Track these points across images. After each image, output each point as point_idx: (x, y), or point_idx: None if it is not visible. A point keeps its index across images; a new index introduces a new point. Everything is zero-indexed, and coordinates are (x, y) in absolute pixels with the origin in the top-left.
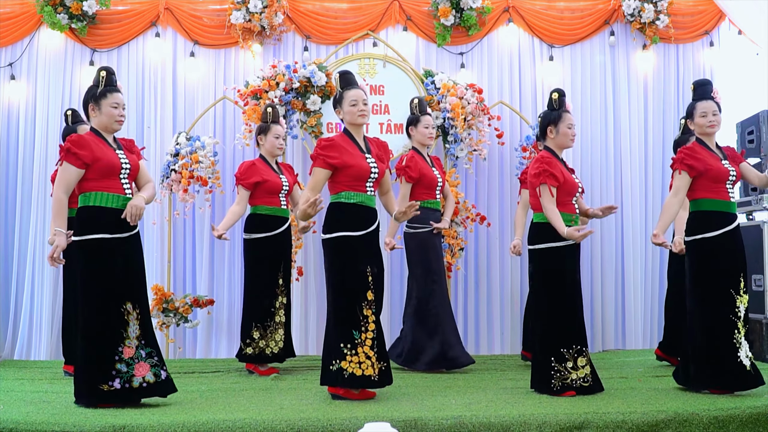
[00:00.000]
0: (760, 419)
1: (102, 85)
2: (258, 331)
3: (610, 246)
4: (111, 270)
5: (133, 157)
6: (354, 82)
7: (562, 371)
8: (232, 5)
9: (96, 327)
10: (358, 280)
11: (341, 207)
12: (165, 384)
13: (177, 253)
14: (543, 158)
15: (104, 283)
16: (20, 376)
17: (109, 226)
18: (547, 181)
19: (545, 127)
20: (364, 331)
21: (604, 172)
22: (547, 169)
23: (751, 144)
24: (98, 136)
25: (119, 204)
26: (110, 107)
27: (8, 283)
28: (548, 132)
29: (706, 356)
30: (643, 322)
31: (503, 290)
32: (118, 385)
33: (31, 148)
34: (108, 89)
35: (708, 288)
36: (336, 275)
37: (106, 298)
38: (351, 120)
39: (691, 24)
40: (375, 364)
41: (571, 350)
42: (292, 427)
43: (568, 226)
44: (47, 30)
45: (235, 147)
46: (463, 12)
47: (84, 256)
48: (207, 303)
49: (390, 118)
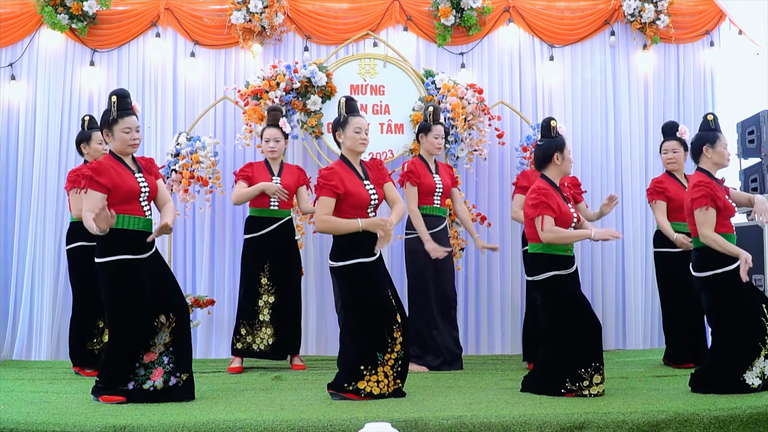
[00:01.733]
0: (760, 419)
1: (114, 109)
2: (245, 328)
3: (610, 246)
4: (139, 289)
5: (151, 179)
6: (358, 110)
7: (576, 390)
8: (232, 5)
9: (126, 342)
10: (385, 304)
11: (350, 236)
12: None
13: (177, 253)
14: (540, 189)
15: (133, 303)
16: (20, 376)
17: (129, 247)
18: (544, 213)
19: (551, 155)
20: (390, 352)
21: (604, 172)
22: (545, 201)
23: (752, 144)
24: (116, 159)
25: (140, 226)
26: (122, 132)
27: (8, 283)
28: (554, 159)
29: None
30: (643, 322)
31: (503, 290)
32: (131, 386)
33: (31, 148)
34: (120, 114)
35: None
36: (360, 304)
37: (136, 317)
38: (352, 146)
39: (692, 24)
40: (391, 383)
41: (589, 368)
42: (292, 427)
43: (560, 255)
44: (47, 30)
45: (235, 147)
46: (463, 12)
47: (109, 278)
48: (207, 303)
49: (390, 118)
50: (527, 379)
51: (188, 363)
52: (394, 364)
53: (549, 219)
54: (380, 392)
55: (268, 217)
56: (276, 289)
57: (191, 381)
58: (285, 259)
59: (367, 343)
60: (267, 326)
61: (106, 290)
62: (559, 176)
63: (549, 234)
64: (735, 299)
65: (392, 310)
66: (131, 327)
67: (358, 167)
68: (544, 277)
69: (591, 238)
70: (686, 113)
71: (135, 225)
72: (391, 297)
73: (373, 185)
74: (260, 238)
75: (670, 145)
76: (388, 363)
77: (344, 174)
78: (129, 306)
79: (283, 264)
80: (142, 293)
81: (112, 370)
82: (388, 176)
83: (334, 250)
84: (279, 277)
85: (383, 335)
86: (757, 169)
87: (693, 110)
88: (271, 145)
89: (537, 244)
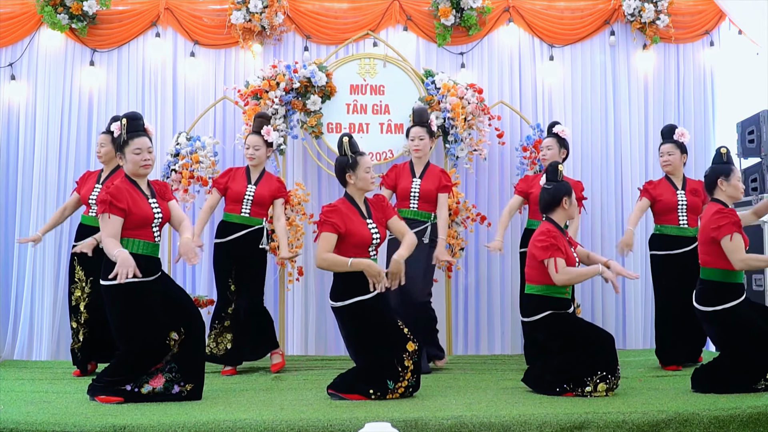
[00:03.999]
0: (760, 419)
1: (124, 132)
2: (216, 331)
3: (610, 246)
4: (148, 310)
5: (164, 205)
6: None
7: (576, 391)
8: (232, 5)
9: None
10: (395, 334)
11: (348, 273)
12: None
13: (177, 253)
14: (549, 232)
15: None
16: (20, 376)
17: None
18: (556, 255)
19: (560, 199)
20: (401, 381)
21: (604, 172)
22: (554, 243)
23: (752, 144)
24: (132, 184)
25: (147, 251)
26: (133, 154)
27: (8, 283)
28: (563, 203)
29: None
30: (643, 322)
31: (503, 290)
32: (129, 387)
33: (31, 148)
34: (130, 135)
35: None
36: (369, 338)
37: (148, 338)
38: (363, 186)
39: (692, 24)
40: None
41: (594, 376)
42: (292, 427)
43: (558, 297)
44: (47, 30)
45: (235, 147)
46: (463, 12)
47: (116, 300)
48: (207, 303)
49: (390, 118)
50: (531, 373)
51: (196, 374)
52: (404, 392)
53: (561, 260)
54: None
55: (239, 224)
56: (238, 296)
57: (197, 391)
58: (250, 266)
59: (379, 372)
60: (228, 332)
61: (114, 312)
62: (565, 220)
63: (563, 275)
64: (741, 331)
65: (402, 338)
66: (144, 347)
67: (362, 206)
68: (542, 316)
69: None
70: (686, 113)
71: (143, 250)
72: (400, 326)
73: (375, 224)
74: (227, 243)
75: (666, 148)
76: (398, 391)
77: (347, 213)
78: (140, 327)
79: (247, 271)
80: (151, 314)
81: (117, 378)
82: (391, 211)
83: (333, 290)
84: (242, 284)
85: (394, 365)
86: (757, 169)
87: (693, 110)
88: (250, 152)
89: (536, 285)
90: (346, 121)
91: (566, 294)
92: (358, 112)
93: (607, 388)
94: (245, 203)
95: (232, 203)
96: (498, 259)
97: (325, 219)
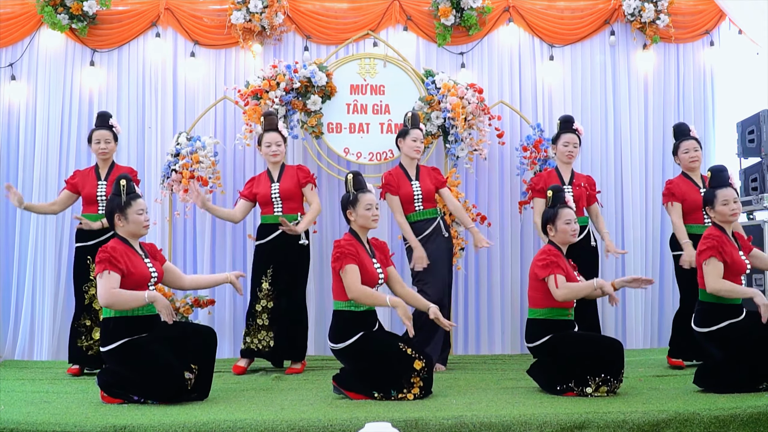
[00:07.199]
0: (760, 419)
1: (124, 194)
2: (247, 329)
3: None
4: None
5: (158, 265)
6: (366, 185)
7: (577, 390)
8: (232, 5)
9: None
10: (399, 361)
11: (351, 315)
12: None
13: (177, 253)
14: (550, 251)
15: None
16: (21, 376)
17: (135, 331)
18: (556, 272)
19: (544, 225)
20: (406, 392)
21: (605, 172)
22: (555, 261)
23: (752, 144)
24: (126, 245)
25: (143, 311)
26: (136, 215)
27: (9, 283)
28: (548, 230)
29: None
30: (643, 322)
31: (503, 290)
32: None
33: (31, 148)
34: (131, 197)
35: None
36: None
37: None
38: (364, 224)
39: (692, 24)
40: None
41: (597, 378)
42: (292, 427)
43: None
44: (47, 30)
45: (235, 147)
46: (463, 12)
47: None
48: (208, 303)
49: (390, 118)
50: (536, 368)
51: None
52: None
53: (561, 277)
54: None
55: (275, 224)
56: (276, 295)
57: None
58: (289, 266)
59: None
60: (267, 330)
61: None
62: (563, 243)
63: (564, 290)
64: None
65: (406, 361)
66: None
67: (367, 244)
68: (545, 340)
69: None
70: (686, 113)
71: (142, 310)
72: (403, 348)
73: (379, 264)
74: (266, 244)
75: (691, 144)
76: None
77: (357, 249)
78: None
79: (287, 270)
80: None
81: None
82: (390, 260)
83: (333, 331)
84: (281, 283)
85: (401, 382)
86: (757, 168)
87: (693, 110)
88: (273, 149)
89: (538, 309)
90: (346, 121)
91: (569, 315)
92: (358, 112)
93: (608, 390)
94: (275, 202)
95: (265, 206)
96: (498, 258)
97: (347, 251)
